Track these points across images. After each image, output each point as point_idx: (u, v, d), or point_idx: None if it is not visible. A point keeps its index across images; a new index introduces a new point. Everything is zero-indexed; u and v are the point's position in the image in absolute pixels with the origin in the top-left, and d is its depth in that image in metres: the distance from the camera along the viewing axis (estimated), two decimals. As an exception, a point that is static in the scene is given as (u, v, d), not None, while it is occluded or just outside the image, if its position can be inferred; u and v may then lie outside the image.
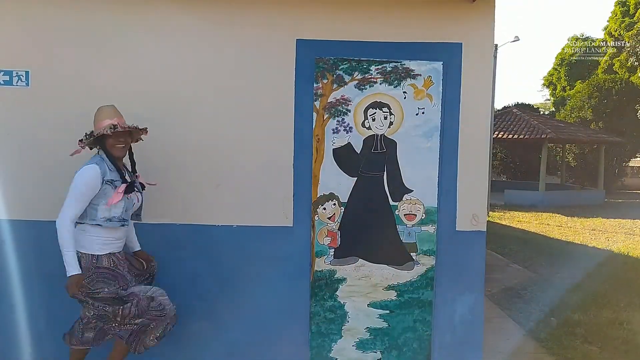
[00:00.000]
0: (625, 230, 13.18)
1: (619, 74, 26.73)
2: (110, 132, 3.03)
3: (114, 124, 3.05)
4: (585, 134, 20.97)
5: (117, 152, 3.13)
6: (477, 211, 3.74)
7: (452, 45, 3.65)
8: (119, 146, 3.12)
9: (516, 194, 19.66)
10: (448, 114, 3.68)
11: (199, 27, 3.62)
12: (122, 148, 3.14)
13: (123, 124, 3.10)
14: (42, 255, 3.67)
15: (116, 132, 3.06)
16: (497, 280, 7.22)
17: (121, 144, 3.13)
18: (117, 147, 3.12)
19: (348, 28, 3.64)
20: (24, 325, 3.73)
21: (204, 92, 3.64)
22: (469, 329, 3.79)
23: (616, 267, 8.52)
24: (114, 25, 3.61)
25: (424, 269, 3.78)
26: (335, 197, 3.73)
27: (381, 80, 3.68)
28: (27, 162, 3.65)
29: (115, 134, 3.07)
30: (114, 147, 3.11)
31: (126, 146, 3.19)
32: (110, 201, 3.03)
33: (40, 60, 3.61)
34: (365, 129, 3.71)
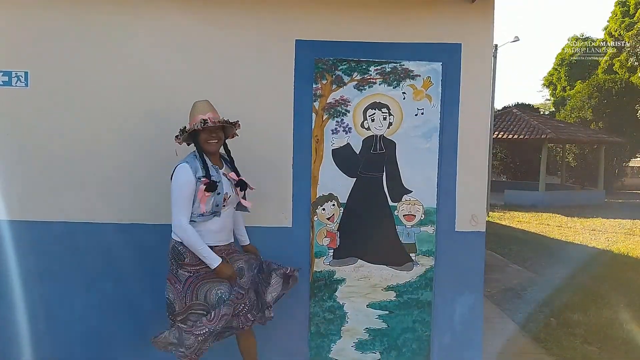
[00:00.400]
0: (625, 230, 13.18)
1: (619, 74, 26.74)
2: (200, 127, 3.02)
3: (205, 119, 3.02)
4: (585, 134, 20.99)
5: (210, 147, 3.11)
6: (477, 212, 3.74)
7: (451, 46, 3.65)
8: (211, 142, 3.09)
9: (516, 194, 19.67)
10: (447, 115, 3.68)
11: (198, 28, 3.62)
12: (215, 144, 3.12)
13: (214, 119, 3.06)
14: (42, 255, 3.67)
15: (208, 128, 3.04)
16: (496, 280, 7.22)
17: (214, 139, 3.10)
18: (209, 143, 3.09)
19: (347, 29, 3.64)
20: (23, 325, 3.73)
21: (203, 93, 3.63)
22: (468, 330, 3.78)
23: (616, 267, 8.52)
24: (113, 26, 3.61)
25: (423, 269, 3.77)
26: (335, 198, 3.73)
27: (380, 80, 3.68)
28: (26, 163, 3.65)
29: (208, 130, 3.05)
30: (206, 143, 3.09)
31: (219, 142, 3.15)
32: (199, 197, 3.05)
33: (40, 61, 3.61)
34: (365, 129, 3.71)
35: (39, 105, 3.62)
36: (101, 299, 3.71)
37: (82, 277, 3.69)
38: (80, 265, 3.68)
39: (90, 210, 3.67)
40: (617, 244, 10.95)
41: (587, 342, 4.86)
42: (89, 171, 3.65)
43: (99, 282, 3.70)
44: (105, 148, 3.65)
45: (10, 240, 3.64)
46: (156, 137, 3.64)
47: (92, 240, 3.67)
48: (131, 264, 3.70)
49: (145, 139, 3.65)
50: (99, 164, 3.66)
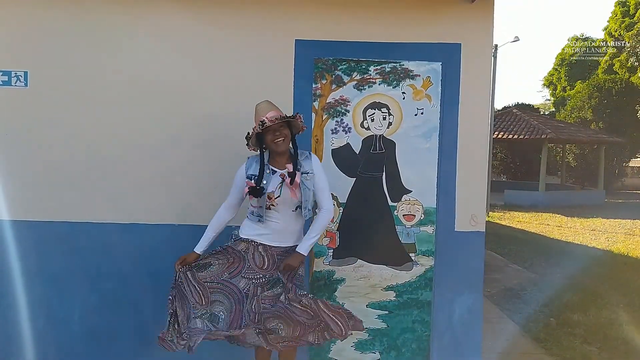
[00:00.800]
0: (625, 230, 13.19)
1: (619, 74, 26.75)
2: (259, 129, 2.95)
3: (262, 120, 2.93)
4: (585, 134, 20.99)
5: (277, 147, 3.01)
6: (476, 211, 3.74)
7: (451, 46, 3.65)
8: (277, 141, 2.99)
9: (516, 194, 19.69)
10: (447, 115, 3.68)
11: (197, 27, 3.62)
12: (281, 142, 3.00)
13: (273, 117, 2.94)
14: (42, 255, 3.67)
15: (270, 128, 2.95)
16: (496, 280, 7.23)
17: (279, 138, 2.99)
18: (275, 143, 2.99)
19: (347, 28, 3.64)
20: (24, 325, 3.73)
21: (203, 93, 3.64)
22: (468, 330, 3.78)
23: (616, 267, 8.52)
24: (112, 26, 3.61)
25: (423, 269, 3.77)
26: (334, 198, 3.72)
27: (380, 80, 3.68)
28: (26, 163, 3.65)
29: (271, 130, 2.97)
30: (273, 143, 3.00)
31: (286, 139, 3.02)
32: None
33: (39, 60, 3.60)
34: (364, 129, 3.71)
35: (38, 105, 3.62)
36: (103, 299, 3.70)
37: (83, 277, 3.69)
38: (81, 265, 3.68)
39: (90, 209, 3.67)
40: (617, 244, 10.95)
41: (586, 342, 4.86)
42: (89, 170, 3.65)
43: (100, 282, 3.69)
44: (105, 147, 3.65)
45: (10, 240, 3.64)
46: (156, 136, 3.64)
47: (93, 240, 3.67)
48: (133, 264, 3.69)
49: (146, 138, 3.64)
50: (99, 164, 3.66)
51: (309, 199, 3.09)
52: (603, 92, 24.50)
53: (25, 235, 3.67)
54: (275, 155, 3.07)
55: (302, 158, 3.11)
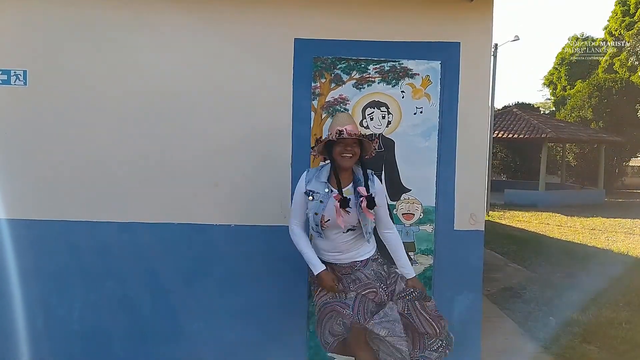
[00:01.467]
0: (625, 229, 13.18)
1: (620, 74, 26.72)
2: (335, 137, 2.87)
3: (341, 130, 2.86)
4: (585, 134, 20.98)
5: (343, 162, 2.93)
6: (475, 210, 3.74)
7: (450, 45, 3.65)
8: (345, 155, 2.91)
9: (516, 194, 19.68)
10: (446, 114, 3.68)
11: (196, 26, 3.62)
12: (348, 158, 2.92)
13: (352, 131, 2.88)
14: (41, 254, 3.67)
15: (344, 140, 2.88)
16: (496, 279, 7.22)
17: (348, 153, 2.91)
18: (343, 157, 2.91)
19: (346, 27, 3.64)
20: (22, 324, 3.73)
21: (202, 91, 3.64)
22: (467, 328, 3.78)
23: (616, 266, 8.51)
24: (111, 24, 3.61)
25: (422, 268, 3.77)
26: (333, 197, 3.73)
27: (379, 79, 3.67)
28: (24, 161, 3.65)
29: (343, 142, 2.89)
30: (340, 156, 2.92)
31: (354, 157, 2.94)
32: None
33: (38, 59, 3.61)
34: (364, 128, 3.70)
35: (37, 104, 3.62)
36: (101, 298, 3.71)
37: (81, 276, 3.69)
38: (79, 264, 3.68)
39: (88, 208, 3.67)
40: (617, 243, 10.95)
41: (586, 341, 4.85)
42: (88, 169, 3.65)
43: (98, 281, 3.70)
44: (103, 146, 3.65)
45: (8, 239, 3.64)
46: (154, 133, 3.64)
47: (91, 239, 3.67)
48: (131, 263, 3.70)
49: (145, 136, 3.65)
50: (98, 162, 3.66)
51: (368, 222, 3.00)
52: (603, 92, 24.47)
53: (23, 234, 3.67)
54: (339, 170, 2.98)
55: (369, 175, 3.02)
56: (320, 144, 2.98)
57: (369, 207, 2.90)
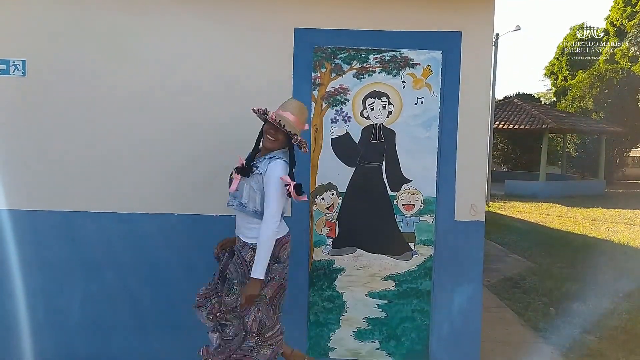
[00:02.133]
0: (625, 220, 13.19)
1: (621, 64, 26.62)
2: (260, 115, 3.00)
3: (266, 110, 2.95)
4: (586, 124, 20.94)
5: (265, 141, 3.02)
6: (476, 201, 3.73)
7: (451, 34, 3.62)
8: (269, 137, 2.99)
9: (517, 184, 19.67)
10: (447, 104, 3.66)
11: (196, 16, 3.59)
12: (270, 141, 2.99)
13: (275, 117, 2.92)
14: (40, 244, 3.67)
15: (270, 123, 2.95)
16: (496, 270, 7.24)
17: (271, 136, 2.98)
18: (267, 138, 3.00)
19: (347, 17, 3.61)
20: (22, 315, 3.73)
21: (201, 81, 3.62)
22: (467, 319, 3.79)
23: (616, 257, 8.52)
24: (111, 14, 3.58)
25: (423, 259, 3.77)
26: (334, 187, 3.72)
27: (380, 69, 3.65)
28: (24, 152, 3.64)
29: (269, 124, 2.97)
30: (265, 136, 3.02)
31: (275, 142, 2.98)
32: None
33: (37, 49, 3.58)
34: (364, 118, 3.69)
35: (36, 94, 3.60)
36: (101, 289, 3.71)
37: (82, 266, 3.69)
38: (80, 254, 3.68)
39: (88, 199, 3.66)
40: (617, 233, 10.96)
41: (586, 332, 4.87)
42: (87, 160, 3.64)
43: (99, 272, 3.69)
44: (103, 137, 3.64)
45: (8, 230, 3.64)
46: (155, 126, 3.63)
47: (90, 230, 3.66)
48: (131, 254, 3.69)
49: (145, 128, 3.63)
50: (97, 153, 3.64)
51: (243, 195, 3.02)
52: (604, 82, 24.38)
53: (23, 225, 3.66)
54: (264, 149, 3.06)
55: (270, 155, 3.03)
56: (261, 113, 2.99)
57: (242, 173, 2.96)
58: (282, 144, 3.02)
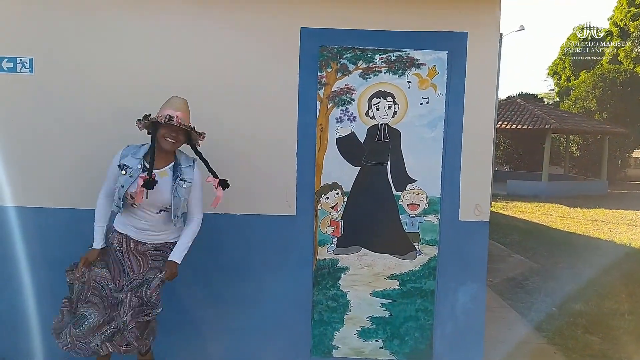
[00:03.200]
0: (627, 221, 13.18)
1: (624, 65, 26.58)
2: (164, 121, 2.94)
3: (171, 116, 2.93)
4: (589, 125, 20.93)
5: (164, 144, 3.01)
6: (480, 201, 3.74)
7: (457, 35, 3.63)
8: (168, 140, 2.99)
9: (519, 184, 19.67)
10: (452, 104, 3.66)
11: (202, 14, 3.60)
12: (171, 143, 3.00)
13: (180, 120, 2.95)
14: (47, 241, 3.68)
15: (169, 125, 2.96)
16: (499, 270, 7.24)
17: (172, 139, 2.99)
18: (166, 140, 2.99)
19: (353, 17, 3.62)
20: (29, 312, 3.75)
21: (206, 81, 3.63)
22: (470, 319, 3.80)
23: (618, 258, 8.53)
24: (116, 12, 3.59)
25: (427, 258, 3.78)
26: (339, 187, 3.73)
27: (385, 69, 3.66)
28: (30, 149, 3.65)
29: (169, 127, 2.97)
30: (162, 139, 3.00)
31: (177, 143, 3.03)
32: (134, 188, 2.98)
33: (44, 47, 3.60)
34: (369, 118, 3.70)
35: (43, 92, 3.62)
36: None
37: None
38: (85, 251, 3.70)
39: (94, 196, 3.67)
40: (620, 234, 10.96)
41: (588, 332, 4.88)
42: (93, 157, 3.65)
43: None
44: (109, 135, 3.65)
45: (15, 227, 3.65)
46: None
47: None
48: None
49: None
50: (103, 151, 3.65)
51: (179, 207, 3.08)
52: (607, 83, 24.37)
53: (29, 222, 3.68)
54: (160, 152, 3.04)
55: (185, 165, 3.12)
56: (147, 120, 3.01)
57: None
58: (181, 143, 3.09)
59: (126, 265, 3.15)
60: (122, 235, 3.14)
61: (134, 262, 3.15)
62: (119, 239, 3.14)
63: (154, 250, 3.18)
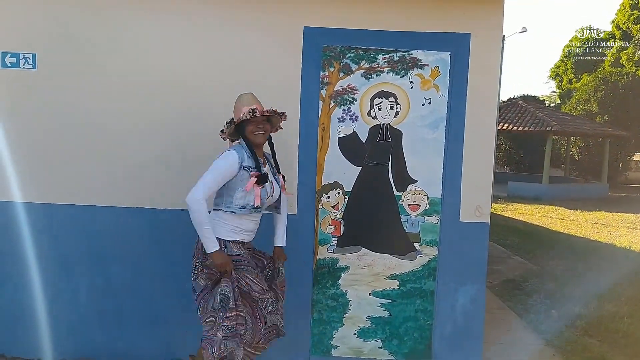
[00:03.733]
0: (627, 224, 13.17)
1: (626, 68, 26.57)
2: (249, 116, 2.95)
3: (253, 109, 2.97)
4: (590, 127, 20.91)
5: (257, 138, 3.05)
6: (481, 202, 3.75)
7: (460, 36, 3.63)
8: (258, 133, 3.03)
9: (519, 186, 19.65)
10: (454, 105, 3.67)
11: (204, 14, 3.61)
12: (262, 135, 3.05)
13: (262, 109, 3.01)
14: (49, 237, 3.69)
15: (255, 119, 2.99)
16: (498, 271, 7.24)
17: (261, 130, 3.03)
18: (256, 134, 3.03)
19: (356, 16, 3.62)
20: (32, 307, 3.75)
21: (210, 79, 3.63)
22: (469, 320, 3.80)
23: (618, 261, 8.53)
24: (120, 9, 3.60)
25: (427, 259, 3.79)
26: (340, 186, 3.74)
27: (388, 69, 3.67)
28: (34, 145, 3.66)
29: (255, 121, 3.00)
30: (253, 134, 3.02)
31: (266, 133, 3.08)
32: (247, 187, 2.97)
33: (47, 43, 3.60)
34: (371, 118, 3.70)
35: (46, 88, 3.62)
36: (110, 282, 3.73)
37: (91, 259, 3.72)
38: (89, 248, 3.70)
39: (97, 192, 3.68)
40: (620, 237, 10.95)
41: (587, 335, 4.88)
42: (97, 154, 3.66)
43: (108, 265, 3.72)
44: (112, 132, 3.66)
45: (18, 223, 3.66)
46: (164, 121, 3.64)
47: (100, 224, 3.69)
48: (140, 248, 3.72)
49: (151, 122, 3.65)
50: (107, 147, 3.66)
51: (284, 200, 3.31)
52: (609, 85, 24.34)
53: (31, 218, 3.69)
54: (255, 149, 3.06)
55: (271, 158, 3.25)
56: (232, 125, 3.05)
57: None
58: (269, 132, 3.14)
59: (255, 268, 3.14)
60: (238, 243, 3.08)
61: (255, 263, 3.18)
62: (237, 246, 3.06)
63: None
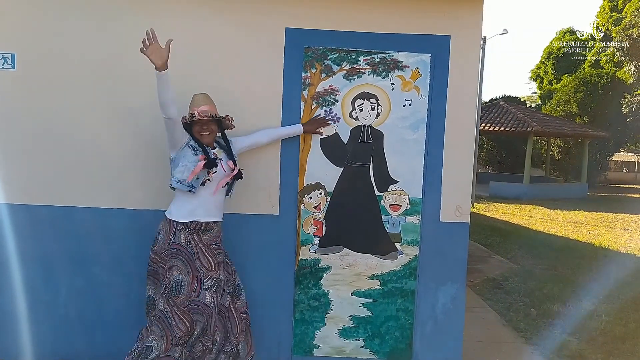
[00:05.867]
0: (606, 223, 13.38)
1: (606, 69, 26.94)
2: (188, 120, 3.18)
3: (193, 113, 3.16)
4: (570, 128, 21.20)
5: (203, 139, 3.23)
6: (461, 203, 3.79)
7: (440, 38, 3.67)
8: (204, 134, 3.22)
9: (501, 186, 19.87)
10: (435, 106, 3.70)
11: (186, 14, 3.60)
12: (207, 135, 3.23)
13: (204, 113, 3.16)
14: (28, 238, 3.65)
15: (198, 120, 3.17)
16: (479, 271, 7.32)
17: (205, 131, 3.22)
18: (202, 135, 3.22)
19: (338, 18, 3.64)
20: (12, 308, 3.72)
21: (192, 79, 3.62)
22: (450, 319, 3.84)
23: (596, 259, 8.66)
24: (105, 7, 3.58)
25: (408, 259, 3.82)
26: (322, 187, 3.76)
27: (369, 71, 3.69)
28: (14, 146, 3.62)
29: (199, 122, 3.19)
30: (199, 134, 3.22)
31: (212, 134, 3.26)
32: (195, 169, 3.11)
33: (27, 42, 3.57)
34: (353, 119, 3.73)
35: (25, 88, 3.59)
36: (90, 283, 3.71)
37: (71, 260, 3.68)
38: (69, 248, 3.67)
39: (77, 193, 3.66)
40: (599, 236, 11.12)
41: (566, 333, 4.96)
42: (78, 154, 3.63)
43: (87, 266, 3.69)
44: (94, 132, 3.63)
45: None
46: (146, 121, 3.62)
47: (79, 225, 3.66)
48: (123, 250, 3.70)
49: (137, 124, 3.63)
50: (88, 148, 3.64)
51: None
52: (589, 87, 24.69)
53: (11, 219, 3.65)
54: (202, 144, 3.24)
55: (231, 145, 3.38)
56: (190, 117, 3.21)
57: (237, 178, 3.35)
58: (215, 132, 3.29)
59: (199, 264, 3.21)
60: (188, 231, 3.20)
61: (203, 260, 3.23)
62: (188, 238, 3.21)
63: (216, 238, 3.33)
